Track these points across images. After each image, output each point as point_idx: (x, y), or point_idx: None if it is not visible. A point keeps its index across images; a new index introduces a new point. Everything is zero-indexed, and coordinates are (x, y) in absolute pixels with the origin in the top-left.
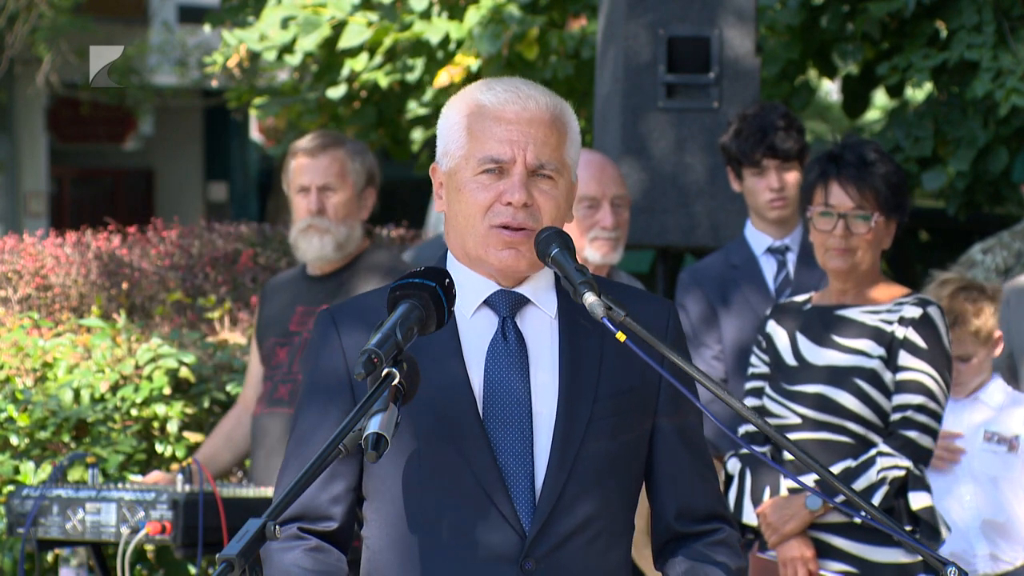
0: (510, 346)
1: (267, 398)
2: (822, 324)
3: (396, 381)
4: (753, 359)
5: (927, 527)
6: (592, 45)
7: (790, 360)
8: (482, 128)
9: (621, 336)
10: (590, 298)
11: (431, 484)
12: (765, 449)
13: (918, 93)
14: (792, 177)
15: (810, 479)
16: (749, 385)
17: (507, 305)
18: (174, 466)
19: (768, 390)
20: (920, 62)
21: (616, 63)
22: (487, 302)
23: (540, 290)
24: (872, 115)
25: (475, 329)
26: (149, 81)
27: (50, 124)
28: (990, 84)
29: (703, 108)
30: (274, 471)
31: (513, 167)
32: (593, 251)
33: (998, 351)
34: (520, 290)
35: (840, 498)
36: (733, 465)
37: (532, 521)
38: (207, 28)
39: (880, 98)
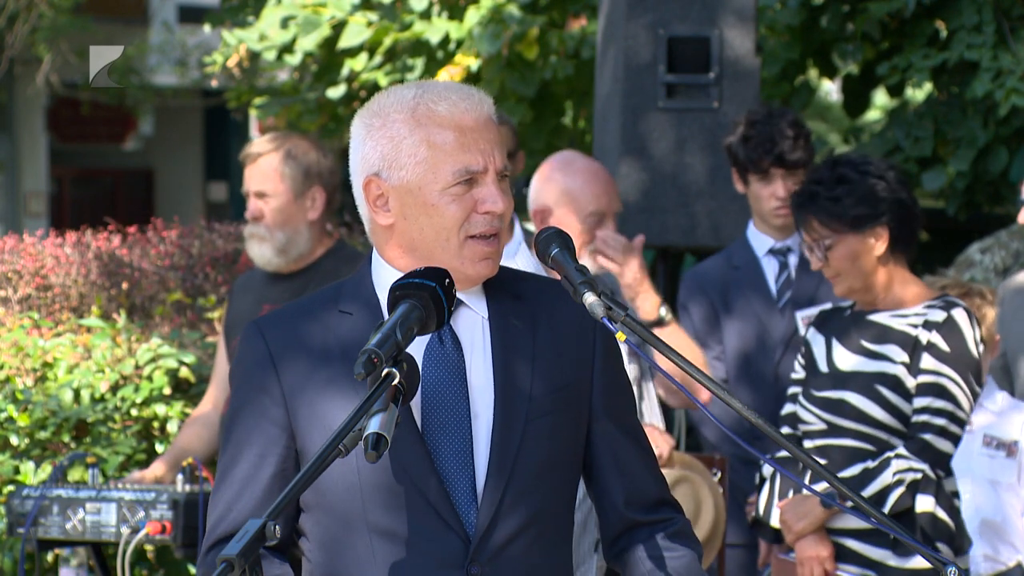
0: (446, 349)
1: None
2: (856, 329)
3: (396, 381)
4: (796, 364)
5: (939, 530)
6: (592, 45)
7: (823, 367)
8: (445, 139)
9: (621, 336)
10: (590, 298)
11: (372, 493)
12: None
13: (918, 93)
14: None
15: (848, 473)
16: (790, 391)
17: None
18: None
19: (800, 396)
20: (920, 62)
21: (616, 63)
22: None
23: (471, 292)
24: (872, 115)
25: None
26: (149, 81)
27: (50, 124)
28: (990, 84)
29: (703, 108)
30: None
31: (486, 175)
32: (590, 263)
33: (995, 354)
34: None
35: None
36: (767, 468)
37: (475, 525)
38: (207, 28)
39: (880, 98)
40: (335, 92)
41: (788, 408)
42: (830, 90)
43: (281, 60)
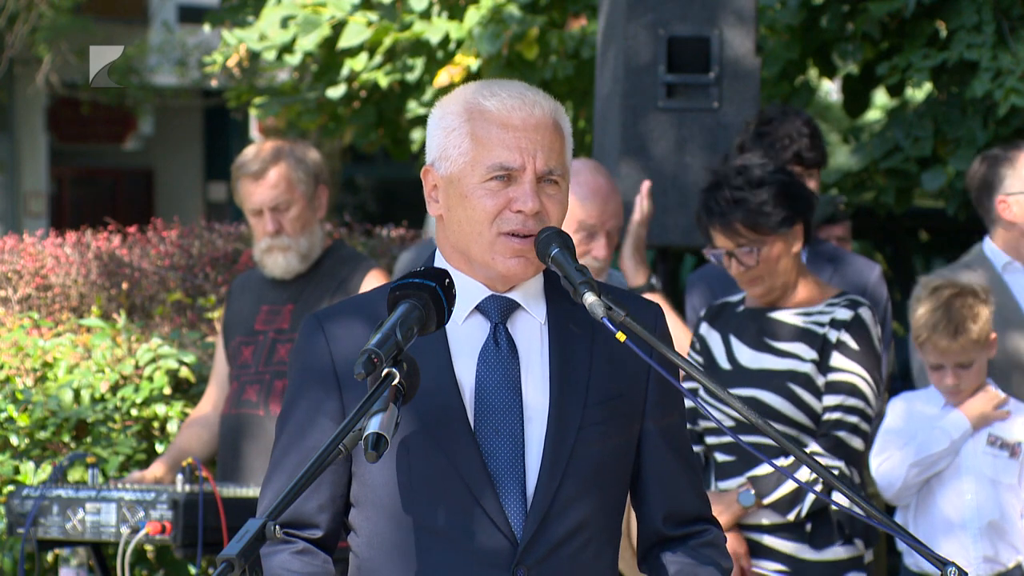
0: (501, 352)
1: (235, 399)
2: (756, 327)
3: (396, 381)
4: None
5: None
6: (592, 45)
7: (724, 364)
8: (488, 134)
9: (621, 336)
10: (590, 298)
11: (422, 492)
12: (698, 449)
13: (918, 93)
14: (812, 185)
15: (763, 471)
16: (685, 386)
17: (498, 311)
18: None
19: (701, 393)
20: (920, 62)
21: (616, 63)
22: (478, 307)
23: (530, 296)
24: (872, 115)
25: (466, 334)
26: (149, 81)
27: (50, 124)
28: (990, 84)
29: (703, 108)
30: (241, 470)
31: (523, 174)
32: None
33: (992, 352)
34: (511, 295)
35: (773, 496)
36: None
37: (524, 528)
38: (207, 28)
39: (880, 98)
40: (335, 92)
41: (708, 409)
42: (830, 90)
43: (281, 60)
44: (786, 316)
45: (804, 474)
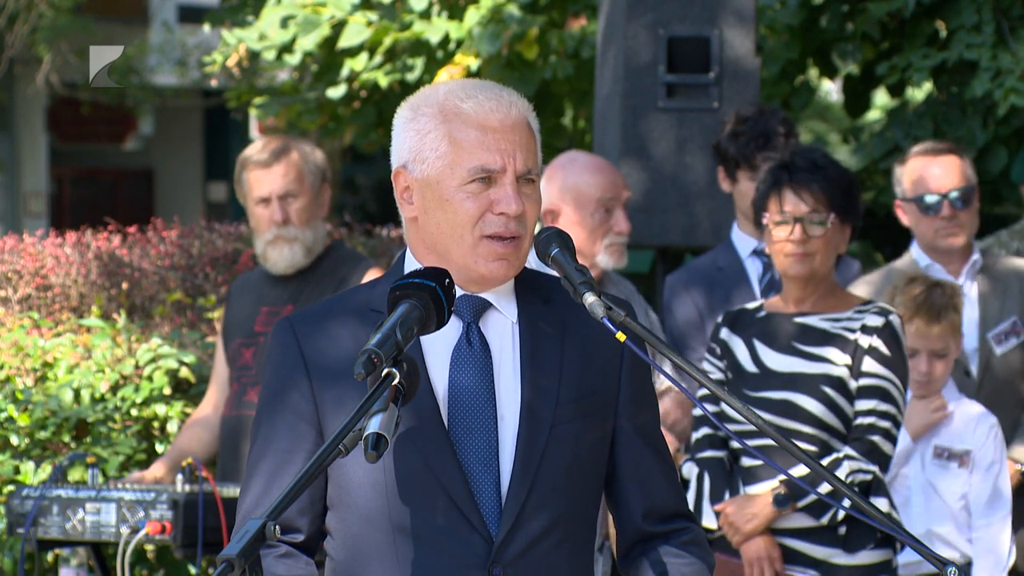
0: (475, 351)
1: (236, 400)
2: (782, 331)
3: (396, 381)
4: (707, 366)
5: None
6: (592, 45)
7: (750, 367)
8: (467, 136)
9: (621, 336)
10: (590, 298)
11: (397, 492)
12: (722, 454)
13: (918, 93)
14: None
15: (797, 473)
16: (703, 392)
17: (471, 310)
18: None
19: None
20: (920, 62)
21: (616, 63)
22: None
23: (502, 295)
24: (872, 115)
25: (438, 334)
26: (149, 81)
27: (50, 124)
28: (989, 84)
29: (703, 108)
30: (242, 471)
31: (504, 176)
32: (607, 256)
33: (957, 352)
34: (484, 295)
35: (808, 499)
36: (689, 469)
37: (499, 526)
38: (207, 28)
39: (880, 98)
40: (335, 92)
41: (707, 408)
42: (830, 90)
43: (281, 60)
44: (814, 321)
45: (842, 472)
